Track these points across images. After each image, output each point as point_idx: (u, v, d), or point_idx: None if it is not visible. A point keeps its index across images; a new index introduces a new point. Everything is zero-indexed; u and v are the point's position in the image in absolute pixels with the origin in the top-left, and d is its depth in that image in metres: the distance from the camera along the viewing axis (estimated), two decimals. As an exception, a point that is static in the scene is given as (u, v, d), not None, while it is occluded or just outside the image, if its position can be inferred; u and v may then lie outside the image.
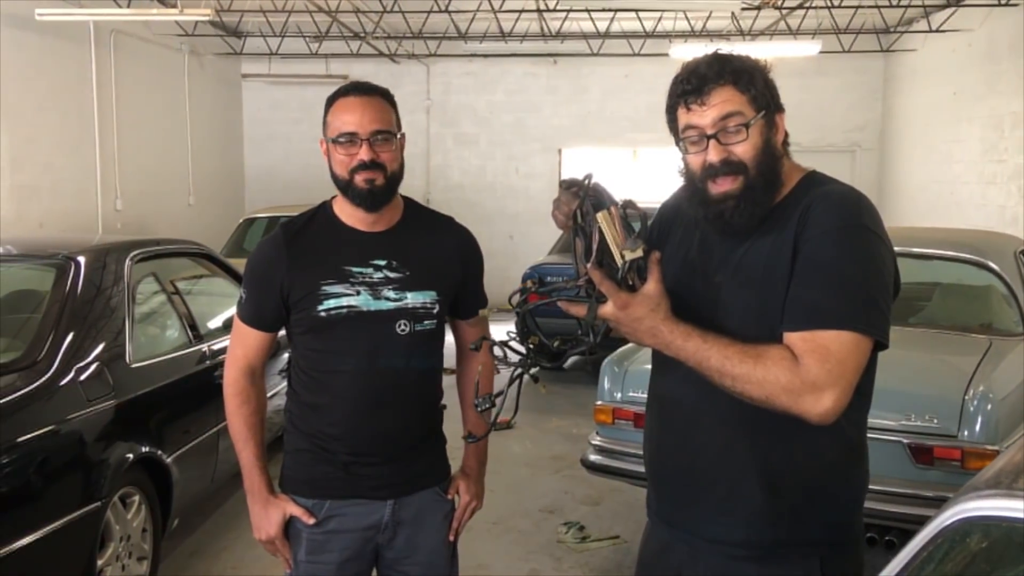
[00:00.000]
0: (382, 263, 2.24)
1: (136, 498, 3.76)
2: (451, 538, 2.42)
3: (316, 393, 2.27)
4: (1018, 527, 1.31)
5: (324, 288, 2.20)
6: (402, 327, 2.23)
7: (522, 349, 1.87)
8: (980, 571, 1.37)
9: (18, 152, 8.83)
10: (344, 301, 2.20)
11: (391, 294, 2.23)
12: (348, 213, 2.27)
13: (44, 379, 3.38)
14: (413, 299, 2.25)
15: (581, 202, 1.73)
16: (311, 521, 2.27)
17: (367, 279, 2.22)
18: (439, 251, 2.34)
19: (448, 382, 2.37)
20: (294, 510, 2.28)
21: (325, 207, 2.33)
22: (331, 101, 2.23)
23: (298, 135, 13.61)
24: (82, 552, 3.37)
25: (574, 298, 1.77)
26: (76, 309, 3.74)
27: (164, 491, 3.96)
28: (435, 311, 2.28)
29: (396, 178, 2.23)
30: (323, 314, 2.20)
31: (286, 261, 2.23)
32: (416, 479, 2.34)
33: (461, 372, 2.54)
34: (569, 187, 1.79)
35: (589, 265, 1.69)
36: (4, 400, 3.20)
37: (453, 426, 2.50)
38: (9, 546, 2.98)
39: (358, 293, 2.21)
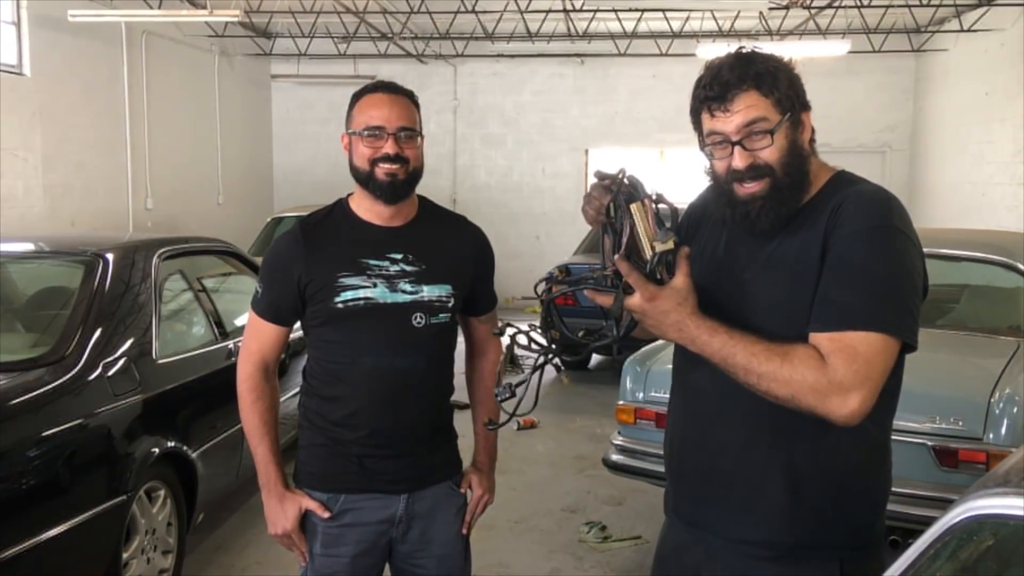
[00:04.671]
0: (398, 256, 2.26)
1: (161, 492, 3.80)
2: (464, 531, 2.43)
3: (332, 386, 2.29)
4: (1024, 525, 1.30)
5: (341, 280, 2.22)
6: (418, 320, 2.25)
7: (544, 341, 1.86)
8: (988, 569, 1.35)
9: (51, 151, 8.96)
10: (361, 293, 2.22)
11: (407, 287, 2.25)
12: (366, 208, 2.30)
13: (72, 374, 3.43)
14: (429, 292, 2.27)
15: (614, 196, 1.72)
16: (326, 515, 2.29)
17: (383, 272, 2.24)
18: (454, 247, 2.36)
19: (459, 382, 2.37)
20: (310, 504, 2.30)
21: (342, 203, 2.36)
22: (357, 97, 2.28)
23: (326, 135, 13.71)
24: (108, 545, 3.42)
25: (601, 288, 1.75)
26: (104, 305, 3.79)
27: (189, 486, 4.01)
28: (450, 305, 2.30)
29: (417, 174, 2.27)
30: (340, 306, 2.22)
31: (304, 255, 2.26)
32: (430, 473, 2.36)
33: (471, 368, 2.57)
34: (603, 179, 1.77)
35: (617, 257, 1.68)
36: (33, 394, 3.25)
37: (462, 424, 2.50)
38: (36, 538, 3.03)
39: (375, 285, 2.23)
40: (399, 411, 2.27)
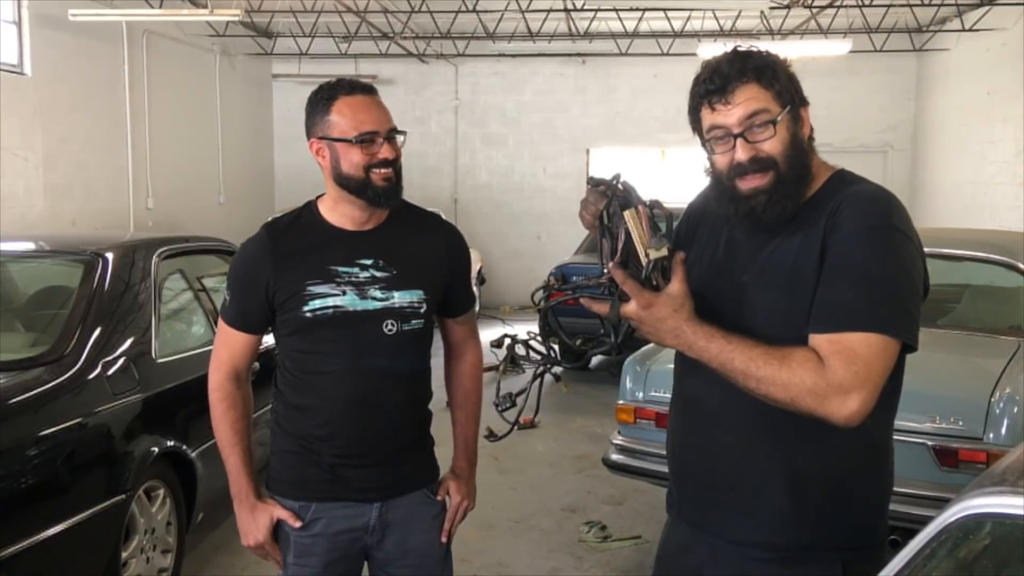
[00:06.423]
0: (368, 262, 2.21)
1: (161, 492, 3.80)
2: (443, 539, 2.37)
3: (302, 394, 2.24)
4: (1022, 524, 1.30)
5: (310, 288, 2.17)
6: (389, 327, 2.20)
7: (543, 349, 1.86)
8: (984, 568, 1.35)
9: (52, 151, 8.96)
10: (330, 301, 2.17)
11: (378, 293, 2.20)
12: (340, 212, 2.24)
13: (71, 373, 3.43)
14: (400, 298, 2.22)
15: (609, 201, 1.72)
16: (297, 524, 2.24)
17: (353, 279, 2.19)
18: (426, 249, 2.30)
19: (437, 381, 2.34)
20: (281, 514, 2.26)
21: (310, 207, 2.29)
22: (331, 99, 2.17)
23: (327, 135, 13.63)
24: (107, 544, 3.41)
25: (597, 296, 1.75)
26: (103, 304, 3.79)
27: (189, 485, 4.00)
28: (422, 310, 2.25)
29: (401, 172, 2.24)
30: (309, 315, 2.17)
31: (271, 262, 2.20)
32: (404, 481, 2.30)
33: (450, 371, 2.51)
34: (597, 186, 1.77)
35: (611, 265, 1.68)
36: (32, 393, 3.26)
37: (442, 428, 2.47)
38: (35, 537, 3.03)
39: (344, 293, 2.18)
40: (371, 420, 2.22)
